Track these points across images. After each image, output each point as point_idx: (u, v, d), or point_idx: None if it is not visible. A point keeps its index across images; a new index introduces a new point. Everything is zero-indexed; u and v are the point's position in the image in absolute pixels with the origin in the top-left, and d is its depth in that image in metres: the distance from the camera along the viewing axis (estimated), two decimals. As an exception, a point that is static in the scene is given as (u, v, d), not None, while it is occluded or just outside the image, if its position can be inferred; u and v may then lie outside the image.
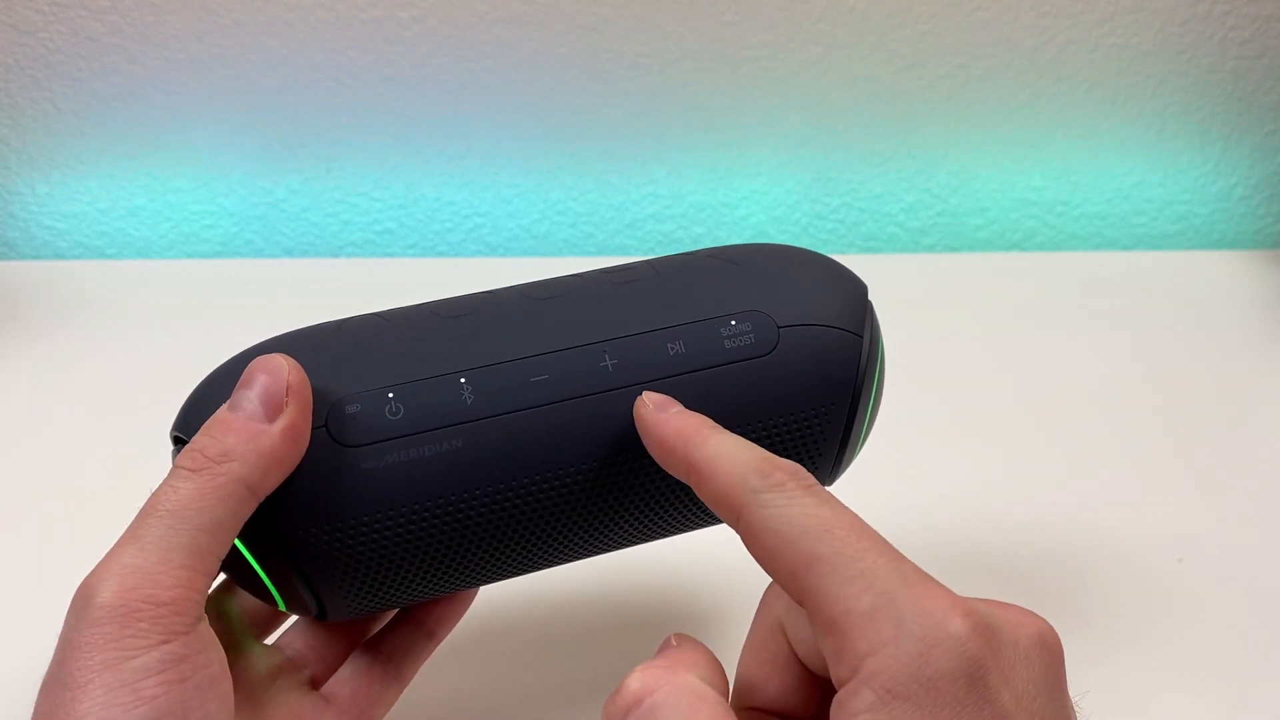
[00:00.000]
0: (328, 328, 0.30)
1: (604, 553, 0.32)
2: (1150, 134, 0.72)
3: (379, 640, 0.33)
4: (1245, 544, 0.46)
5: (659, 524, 0.32)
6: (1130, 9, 0.68)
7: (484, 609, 0.39)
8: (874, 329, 0.33)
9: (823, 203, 0.73)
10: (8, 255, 0.73)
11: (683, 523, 0.32)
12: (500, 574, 0.31)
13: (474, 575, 0.30)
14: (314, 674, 0.32)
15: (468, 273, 0.70)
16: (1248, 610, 0.43)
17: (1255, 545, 0.46)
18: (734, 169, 0.72)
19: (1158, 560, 0.45)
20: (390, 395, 0.28)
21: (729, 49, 0.68)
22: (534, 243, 0.74)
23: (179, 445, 0.29)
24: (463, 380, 0.28)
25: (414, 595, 0.30)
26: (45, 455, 0.52)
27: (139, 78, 0.67)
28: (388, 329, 0.30)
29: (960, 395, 0.57)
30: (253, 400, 0.27)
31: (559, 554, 0.31)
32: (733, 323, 0.30)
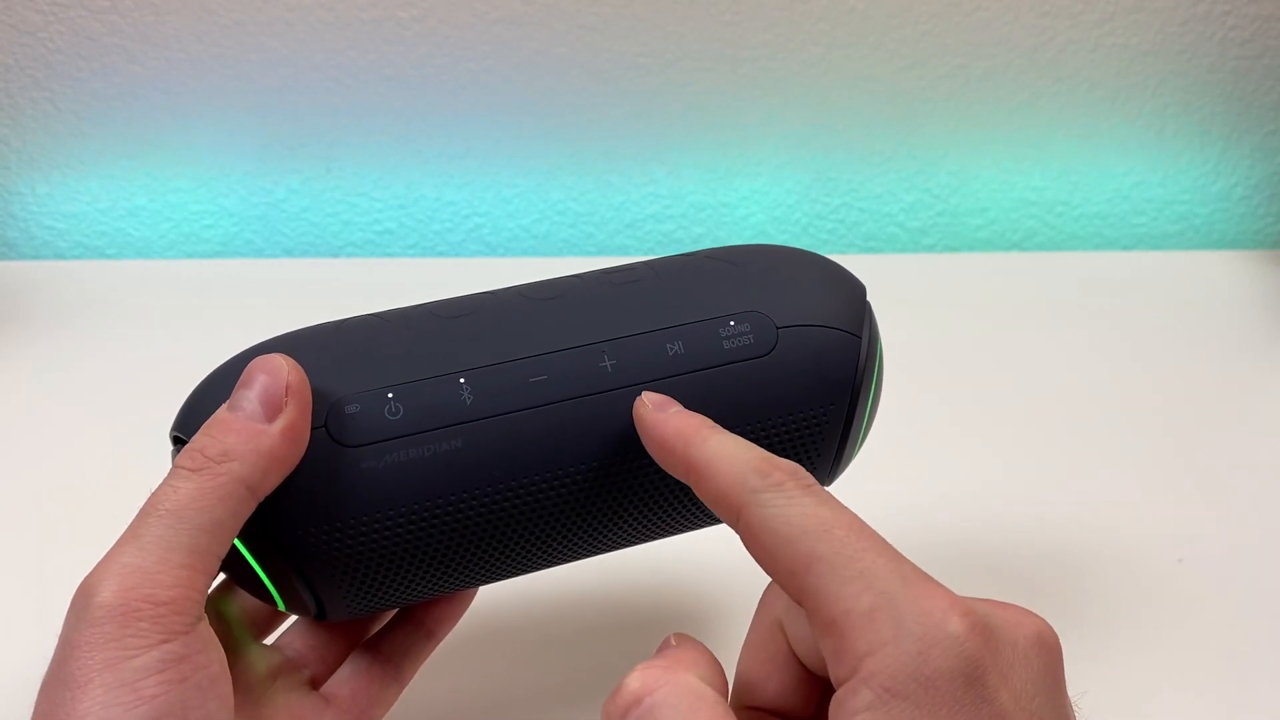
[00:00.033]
0: (327, 328, 0.30)
1: (603, 553, 0.32)
2: (1150, 134, 0.72)
3: (378, 640, 0.33)
4: (1245, 544, 0.46)
5: (658, 524, 0.32)
6: (1130, 9, 0.68)
7: (484, 609, 0.39)
8: (872, 329, 0.33)
9: (823, 203, 0.73)
10: (8, 255, 0.73)
11: (682, 523, 0.32)
12: (499, 574, 0.31)
13: (473, 575, 0.30)
14: (314, 674, 0.32)
15: (468, 273, 0.70)
16: (1248, 610, 0.43)
17: (1255, 545, 0.46)
18: (734, 169, 0.72)
19: (1158, 560, 0.45)
20: (390, 395, 0.28)
21: (729, 49, 0.68)
22: (534, 243, 0.74)
23: (179, 445, 0.29)
24: (462, 380, 0.28)
25: (413, 595, 0.30)
26: (45, 455, 0.52)
27: (139, 78, 0.67)
28: (387, 329, 0.30)
29: (960, 395, 0.57)
30: (252, 400, 0.27)
31: (558, 554, 0.31)
32: (731, 323, 0.30)
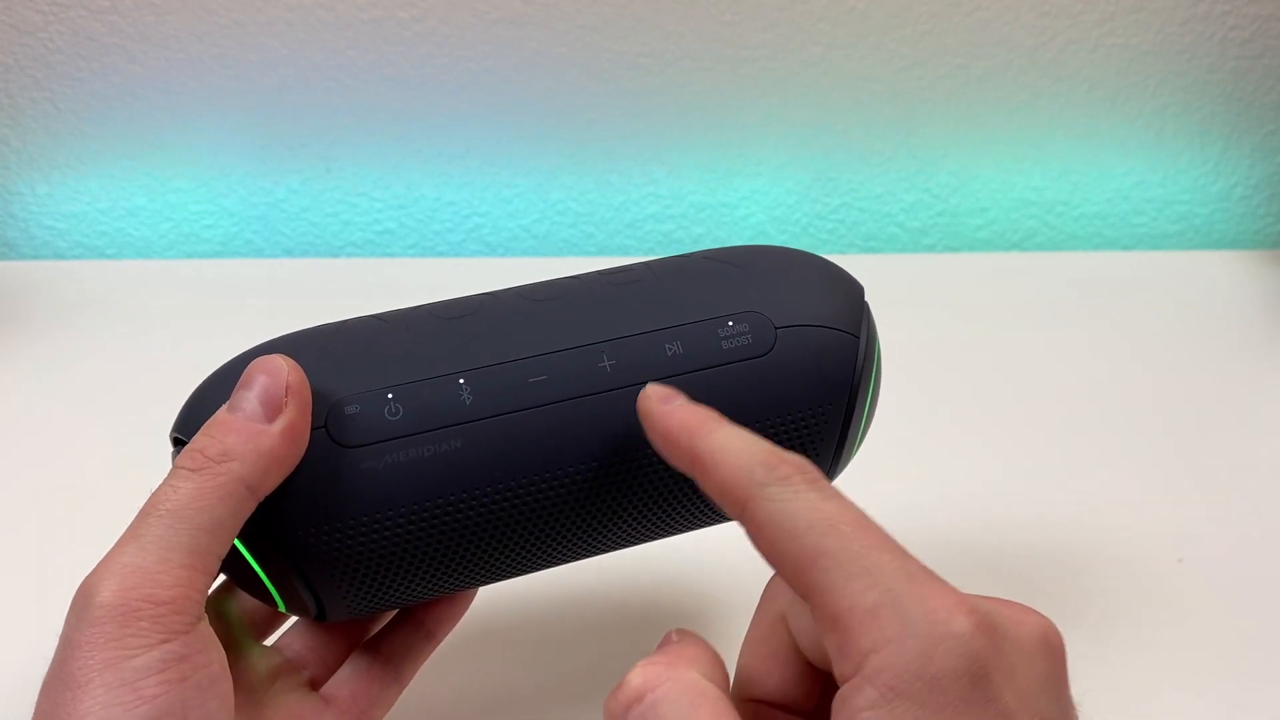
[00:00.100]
0: (327, 329, 0.30)
1: (603, 553, 0.32)
2: (1150, 134, 0.72)
3: (378, 641, 0.33)
4: (1245, 544, 0.46)
5: (658, 524, 0.32)
6: (1130, 9, 0.68)
7: (483, 609, 0.39)
8: (870, 330, 0.33)
9: (823, 203, 0.73)
10: (8, 255, 0.73)
11: (682, 523, 0.32)
12: (499, 574, 0.31)
13: (473, 576, 0.30)
14: (314, 675, 0.32)
15: (468, 273, 0.70)
16: (1248, 610, 0.43)
17: (1255, 545, 0.46)
18: (734, 169, 0.72)
19: (1158, 560, 0.45)
20: (389, 396, 0.28)
21: (729, 49, 0.68)
22: (534, 243, 0.74)
23: (179, 447, 0.29)
24: (462, 381, 0.28)
25: (413, 596, 0.30)
26: (45, 455, 0.52)
27: (139, 78, 0.67)
28: (387, 330, 0.30)
29: (960, 395, 0.57)
30: (252, 400, 0.27)
31: (558, 554, 0.31)
32: (730, 323, 0.30)
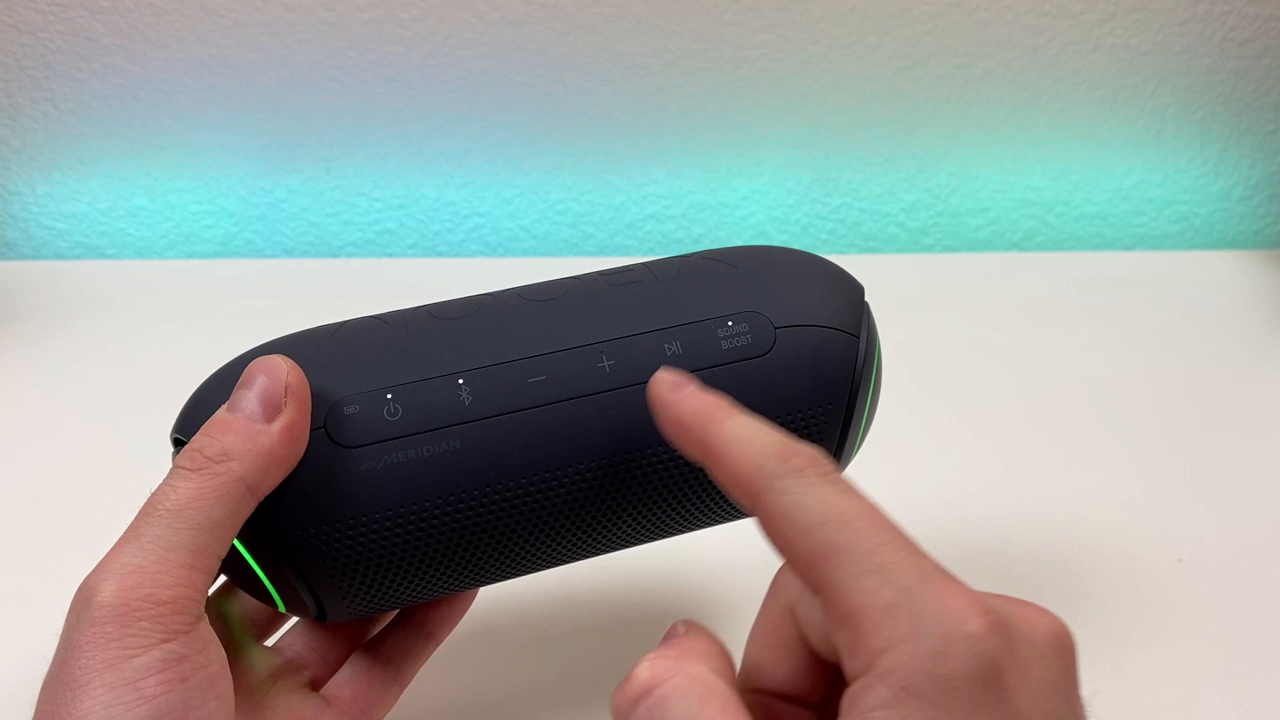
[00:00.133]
0: (327, 329, 0.30)
1: (602, 554, 0.32)
2: (1150, 134, 0.72)
3: (379, 641, 0.33)
4: (1245, 544, 0.46)
5: (657, 525, 0.32)
6: (1130, 9, 0.68)
7: (484, 609, 0.39)
8: (871, 330, 0.33)
9: (823, 203, 0.73)
10: (8, 255, 0.73)
11: (681, 524, 0.32)
12: (499, 575, 0.31)
13: (473, 576, 0.30)
14: (314, 675, 0.32)
15: (468, 273, 0.70)
16: (1248, 610, 0.43)
17: (1255, 545, 0.46)
18: (734, 169, 0.72)
19: (1158, 560, 0.45)
20: (389, 396, 0.28)
21: (729, 49, 0.68)
22: (534, 243, 0.74)
23: (179, 447, 0.29)
24: (460, 381, 0.28)
25: (413, 596, 0.30)
26: (45, 455, 0.52)
27: (139, 78, 0.67)
28: (386, 331, 0.30)
29: (960, 395, 0.57)
30: (251, 400, 0.27)
31: (558, 555, 0.31)
32: (729, 323, 0.30)
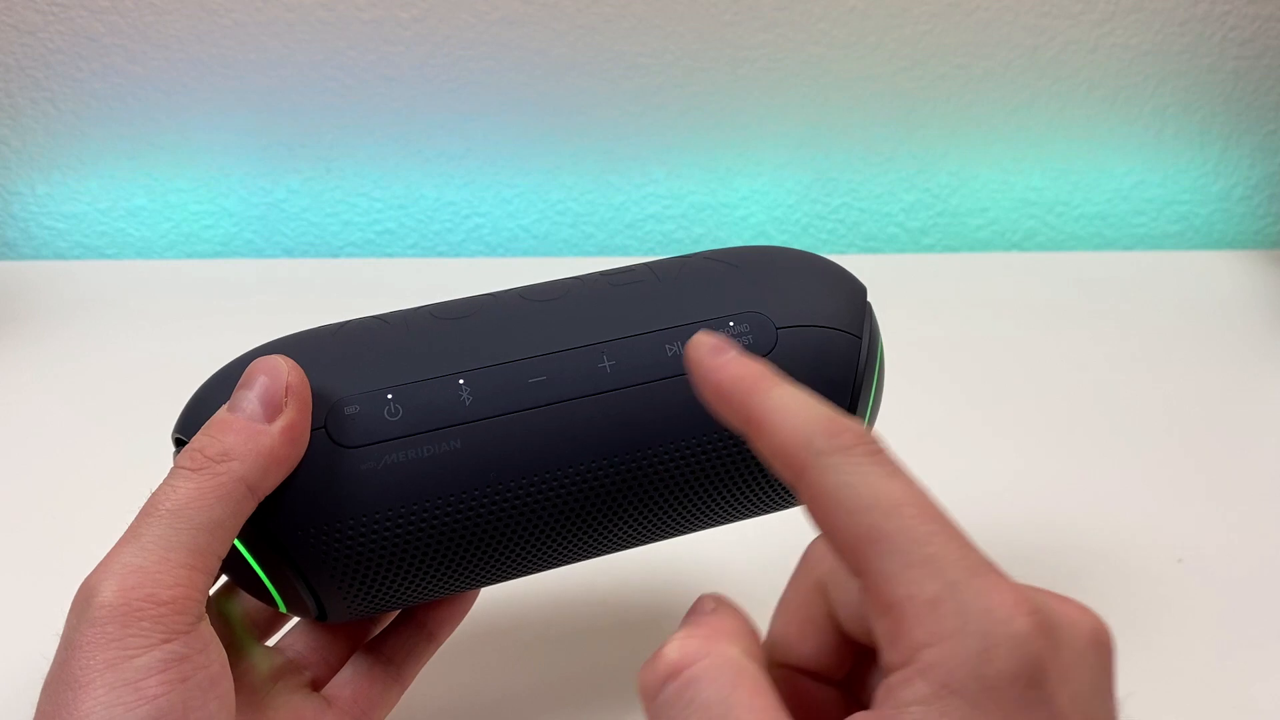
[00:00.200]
0: (327, 330, 0.30)
1: (603, 554, 0.32)
2: (1150, 134, 0.72)
3: (380, 642, 0.33)
4: (1245, 544, 0.46)
5: (658, 525, 0.32)
6: (1130, 9, 0.68)
7: (485, 609, 0.39)
8: (873, 330, 0.33)
9: (823, 203, 0.73)
10: (8, 255, 0.73)
11: (682, 525, 0.32)
12: (500, 575, 0.31)
13: (473, 576, 0.30)
14: (315, 675, 0.32)
15: (468, 273, 0.70)
16: (1248, 610, 0.43)
17: (1255, 545, 0.46)
18: (734, 169, 0.72)
19: (1158, 560, 0.45)
20: (389, 396, 0.28)
21: (729, 49, 0.68)
22: (534, 243, 0.74)
23: (180, 447, 0.29)
24: (461, 381, 0.28)
25: (414, 596, 0.30)
26: (45, 455, 0.52)
27: (139, 78, 0.67)
28: (387, 331, 0.30)
29: (960, 396, 0.57)
30: (252, 400, 0.27)
31: (558, 555, 0.31)
32: (731, 324, 0.30)
